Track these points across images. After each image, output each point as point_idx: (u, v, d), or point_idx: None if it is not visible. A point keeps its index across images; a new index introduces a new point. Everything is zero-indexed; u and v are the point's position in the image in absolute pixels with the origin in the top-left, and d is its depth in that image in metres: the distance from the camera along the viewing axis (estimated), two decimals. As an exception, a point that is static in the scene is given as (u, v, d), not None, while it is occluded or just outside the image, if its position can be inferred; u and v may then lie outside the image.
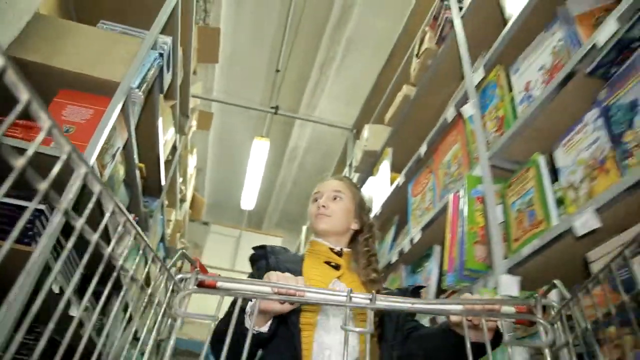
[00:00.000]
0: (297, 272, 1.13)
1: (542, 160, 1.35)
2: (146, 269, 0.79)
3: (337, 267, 1.22)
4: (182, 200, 4.42)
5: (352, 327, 0.61)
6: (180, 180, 3.91)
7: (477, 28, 1.96)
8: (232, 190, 7.17)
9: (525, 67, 1.54)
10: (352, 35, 4.79)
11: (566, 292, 0.65)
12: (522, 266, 1.28)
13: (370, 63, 4.61)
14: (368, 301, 0.68)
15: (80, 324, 2.08)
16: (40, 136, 0.33)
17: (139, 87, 2.04)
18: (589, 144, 1.17)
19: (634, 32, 1.09)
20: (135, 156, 2.29)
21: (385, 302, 0.69)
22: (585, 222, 1.07)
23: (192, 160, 4.46)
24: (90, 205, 0.45)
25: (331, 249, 1.26)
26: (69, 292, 0.47)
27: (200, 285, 0.74)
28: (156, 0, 2.40)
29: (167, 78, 2.58)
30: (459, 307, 0.72)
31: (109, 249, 0.48)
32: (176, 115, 3.10)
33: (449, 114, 1.89)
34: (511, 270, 1.30)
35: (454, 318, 0.91)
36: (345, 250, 1.28)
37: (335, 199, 1.32)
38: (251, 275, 1.24)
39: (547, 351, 0.62)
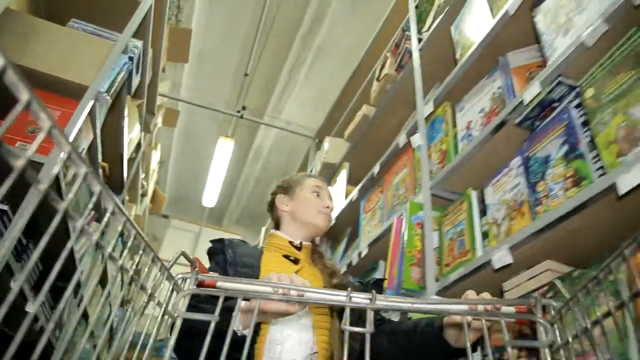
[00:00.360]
0: (255, 267, 1.16)
1: (474, 195, 1.51)
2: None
3: (295, 261, 1.23)
4: (143, 195, 4.44)
5: (351, 327, 0.60)
6: (142, 175, 3.94)
7: (432, 62, 2.12)
8: (194, 185, 7.18)
9: (469, 108, 1.70)
10: (323, 43, 4.91)
11: (566, 292, 0.65)
12: (449, 290, 1.43)
13: (338, 72, 4.75)
14: (368, 301, 0.67)
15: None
16: (41, 136, 0.33)
17: (108, 91, 2.08)
18: (512, 187, 1.34)
19: (554, 94, 1.26)
20: (99, 156, 2.33)
21: (385, 302, 0.69)
22: (501, 257, 1.22)
23: (155, 156, 4.47)
24: (90, 206, 0.46)
25: (291, 243, 1.27)
26: (17, 286, 0.46)
27: (200, 285, 0.73)
28: (129, 1, 2.45)
29: (136, 80, 2.62)
30: (459, 307, 0.72)
31: (109, 249, 0.48)
32: (142, 114, 3.13)
33: (401, 140, 2.04)
34: (440, 293, 1.45)
35: (448, 320, 0.96)
36: (305, 243, 1.30)
37: (329, 199, 1.39)
38: (210, 269, 1.21)
39: (546, 351, 0.62)
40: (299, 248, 1.27)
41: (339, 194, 2.72)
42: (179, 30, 3.65)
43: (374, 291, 0.68)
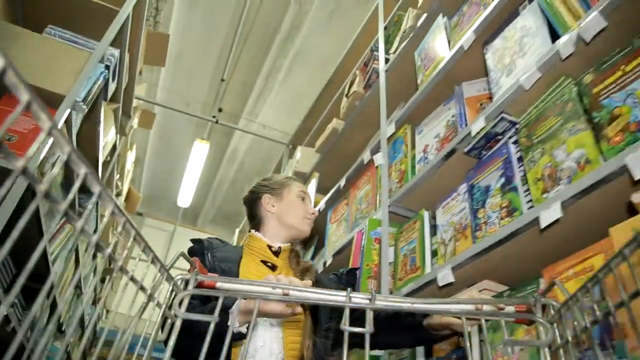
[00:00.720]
0: (234, 274, 1.17)
1: (426, 215, 1.64)
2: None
3: (273, 267, 1.24)
4: (118, 195, 4.46)
5: (351, 327, 0.59)
6: (117, 176, 3.96)
7: (397, 83, 2.24)
8: (169, 185, 7.20)
9: (427, 132, 1.83)
10: (300, 49, 5.01)
11: (566, 291, 0.66)
12: (401, 302, 1.55)
13: (314, 77, 4.86)
14: (368, 301, 0.67)
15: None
16: (41, 136, 0.33)
17: (84, 100, 2.14)
18: (458, 211, 1.47)
19: (497, 128, 1.39)
20: (78, 187, 2.38)
21: (385, 302, 0.68)
22: (444, 275, 1.35)
23: (130, 156, 4.50)
24: (90, 206, 0.48)
25: (270, 247, 1.27)
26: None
27: (200, 285, 0.73)
28: (107, 10, 2.49)
29: (112, 86, 2.66)
30: (459, 307, 0.72)
31: (109, 250, 0.48)
32: (118, 118, 3.17)
33: (366, 156, 2.16)
34: (392, 305, 1.57)
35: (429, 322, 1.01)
36: (284, 246, 1.30)
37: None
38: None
39: (546, 350, 0.62)
40: (277, 253, 1.27)
41: (309, 203, 2.82)
42: (156, 35, 3.69)
43: (373, 291, 0.67)
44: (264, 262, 1.25)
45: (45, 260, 2.18)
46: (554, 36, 1.29)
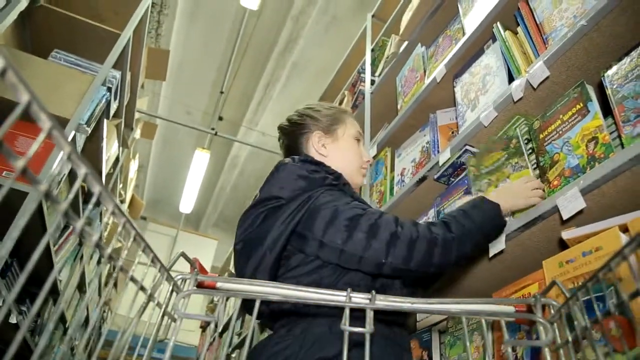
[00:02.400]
0: None
1: (401, 236, 1.76)
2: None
3: None
4: (121, 202, 4.61)
5: (351, 327, 0.59)
6: (120, 186, 4.11)
7: (381, 104, 2.36)
8: (172, 190, 7.36)
9: (404, 155, 1.95)
10: (297, 60, 5.15)
11: (566, 291, 0.66)
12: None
13: (312, 85, 5.01)
14: (368, 301, 0.67)
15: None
16: (41, 136, 0.33)
17: (87, 122, 2.28)
18: (427, 233, 1.59)
19: (462, 159, 1.52)
20: (79, 187, 2.52)
21: (385, 302, 0.69)
22: (412, 295, 1.48)
23: (133, 165, 4.65)
24: (90, 206, 0.52)
25: None
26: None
27: (200, 285, 0.73)
28: (109, 33, 2.63)
29: (114, 105, 2.80)
30: (459, 307, 0.72)
31: (109, 250, 0.48)
32: (120, 132, 3.31)
33: (351, 175, 2.28)
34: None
35: None
36: None
37: None
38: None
39: (546, 350, 0.61)
40: None
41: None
42: (157, 51, 3.83)
43: (373, 291, 0.68)
44: None
45: (50, 262, 2.31)
46: (512, 76, 1.41)
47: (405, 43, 2.18)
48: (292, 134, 1.24)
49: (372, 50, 2.67)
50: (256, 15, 4.67)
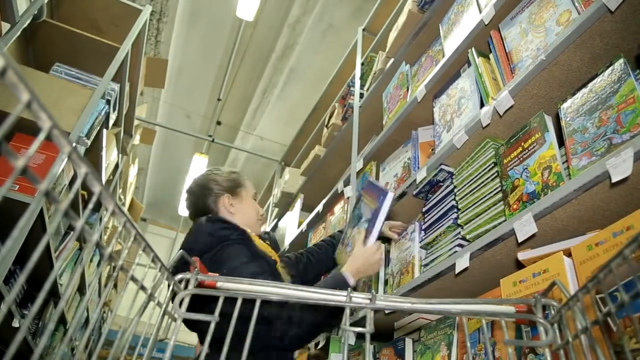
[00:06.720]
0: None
1: (382, 248, 1.85)
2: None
3: None
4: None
5: (351, 327, 0.60)
6: (120, 190, 4.21)
7: (369, 118, 2.45)
8: (171, 193, 7.46)
9: (388, 170, 2.04)
10: (295, 66, 5.24)
11: (566, 291, 0.66)
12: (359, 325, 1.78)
13: (309, 91, 5.10)
14: (368, 301, 0.68)
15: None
16: (41, 136, 0.33)
17: (87, 134, 2.37)
18: (406, 248, 1.68)
19: (438, 177, 1.61)
20: (79, 187, 2.61)
21: (385, 302, 0.70)
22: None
23: (132, 170, 4.74)
24: (90, 206, 0.51)
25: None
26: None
27: (200, 285, 0.74)
28: (108, 47, 2.72)
29: (113, 116, 2.89)
30: (459, 307, 0.72)
31: (109, 250, 0.49)
32: (120, 140, 3.40)
33: (339, 186, 2.38)
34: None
35: None
36: None
37: None
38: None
39: (547, 351, 0.62)
40: None
41: (294, 221, 3.05)
42: (155, 60, 3.91)
43: (373, 291, 0.70)
44: None
45: (51, 266, 2.40)
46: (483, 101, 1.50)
47: (392, 60, 2.27)
48: (201, 196, 1.44)
49: (362, 64, 2.75)
50: (253, 22, 4.76)
